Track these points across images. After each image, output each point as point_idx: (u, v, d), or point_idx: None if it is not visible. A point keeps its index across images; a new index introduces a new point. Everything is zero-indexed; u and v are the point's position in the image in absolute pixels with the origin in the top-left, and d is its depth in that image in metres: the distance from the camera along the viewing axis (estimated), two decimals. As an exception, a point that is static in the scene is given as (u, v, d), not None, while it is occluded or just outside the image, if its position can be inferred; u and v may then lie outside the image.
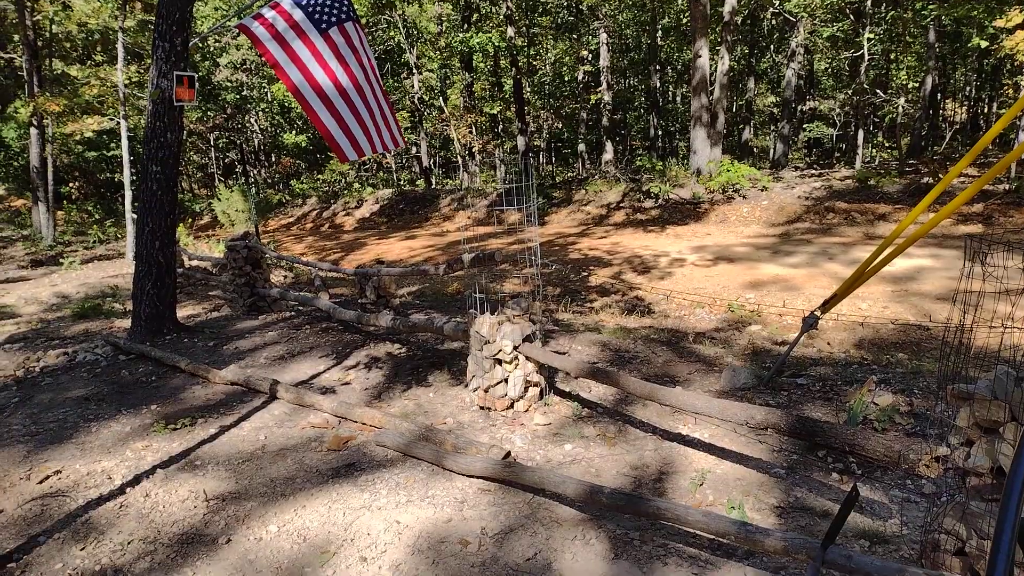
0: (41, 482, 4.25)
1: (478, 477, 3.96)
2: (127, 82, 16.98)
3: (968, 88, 32.91)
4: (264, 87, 33.85)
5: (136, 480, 4.22)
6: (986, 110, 32.54)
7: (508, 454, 4.19)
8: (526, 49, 30.42)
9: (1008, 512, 1.05)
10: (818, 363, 6.06)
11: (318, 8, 5.49)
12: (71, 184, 35.23)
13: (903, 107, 24.29)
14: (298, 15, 5.38)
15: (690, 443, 4.41)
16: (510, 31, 26.24)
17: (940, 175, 16.56)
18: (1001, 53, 16.19)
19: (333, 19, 5.55)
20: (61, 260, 15.25)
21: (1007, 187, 15.18)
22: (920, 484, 3.67)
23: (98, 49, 23.88)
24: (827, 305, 5.05)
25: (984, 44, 18.49)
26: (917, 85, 25.14)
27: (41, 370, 6.76)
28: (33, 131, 20.08)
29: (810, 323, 5.11)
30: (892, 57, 28.16)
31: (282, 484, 4.09)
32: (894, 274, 9.92)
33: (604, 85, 27.79)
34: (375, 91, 5.81)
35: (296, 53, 5.36)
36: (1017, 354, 2.74)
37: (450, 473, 4.08)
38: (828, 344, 7.00)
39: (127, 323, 8.40)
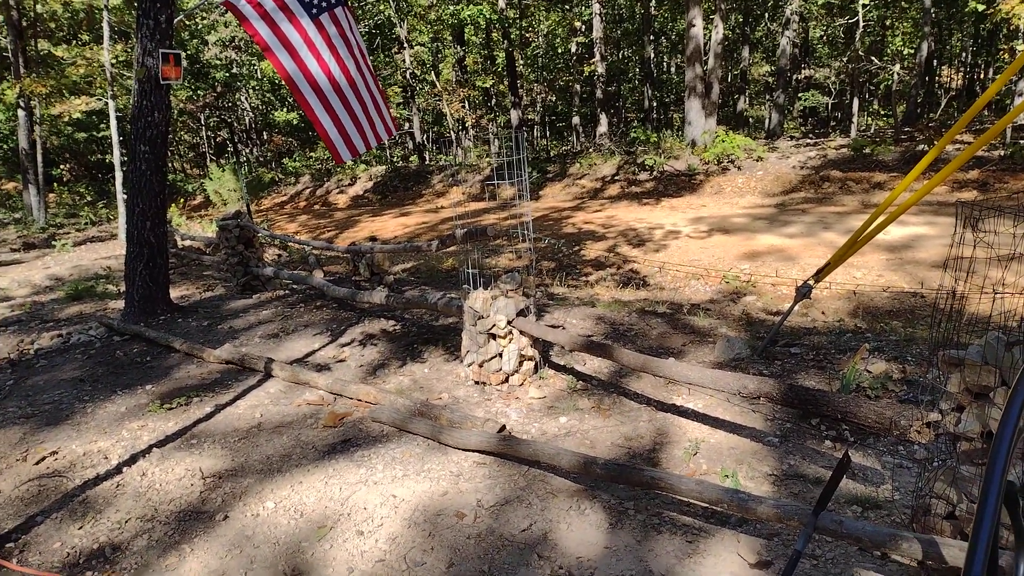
0: (38, 463, 4.26)
1: (474, 451, 3.97)
2: (114, 61, 16.76)
3: (964, 54, 32.66)
4: (254, 64, 33.45)
5: (132, 459, 4.23)
6: (982, 76, 32.31)
7: (503, 427, 4.21)
8: (518, 21, 30.07)
9: (994, 475, 1.05)
10: (812, 332, 6.07)
11: None
12: (62, 166, 34.96)
13: (899, 74, 24.14)
14: None
15: (684, 414, 4.43)
16: (501, 3, 25.92)
17: (935, 142, 16.50)
18: (997, 17, 16.05)
19: (323, 4, 5.45)
20: (53, 242, 15.16)
21: (1002, 153, 15.13)
22: (912, 450, 3.70)
23: (83, 28, 23.56)
24: (820, 274, 5.05)
25: (981, 8, 18.34)
26: (913, 51, 24.97)
27: (36, 352, 6.75)
28: (21, 113, 19.85)
29: (803, 293, 5.11)
30: (887, 23, 27.93)
31: (278, 461, 4.11)
32: (889, 242, 9.91)
33: (598, 57, 27.51)
34: (367, 81, 5.73)
35: (287, 37, 5.27)
36: (1009, 320, 2.74)
37: (446, 447, 4.10)
38: (822, 313, 7.01)
39: (121, 304, 8.38)
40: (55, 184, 30.89)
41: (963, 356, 2.63)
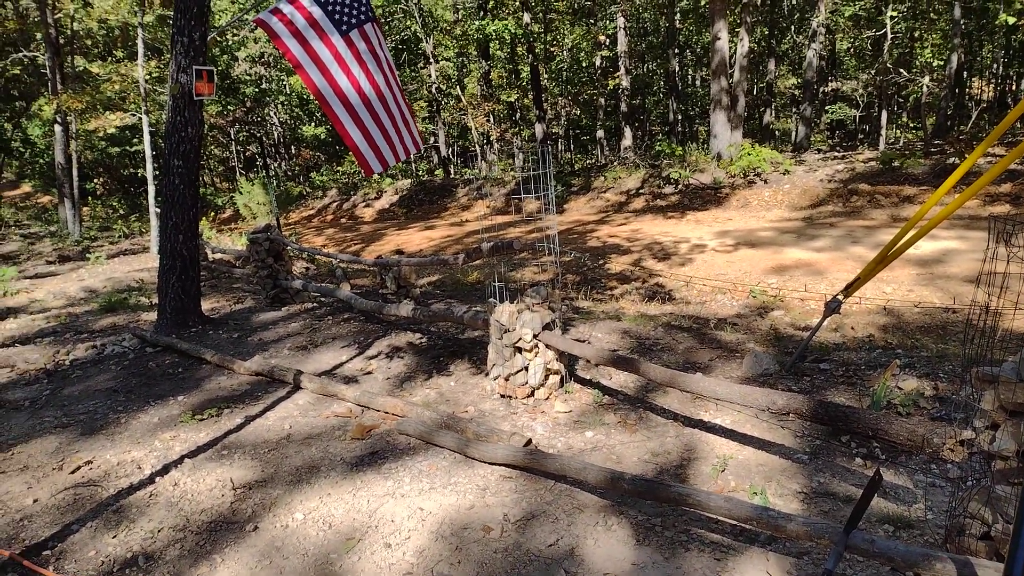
0: (73, 472, 4.35)
1: (500, 464, 3.99)
2: (147, 77, 17.15)
3: (995, 65, 32.20)
4: (282, 80, 34.02)
5: (165, 469, 4.30)
6: (1014, 88, 31.82)
7: (529, 441, 4.22)
8: (543, 35, 30.27)
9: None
10: (841, 348, 6.01)
11: (337, 7, 5.48)
12: (95, 180, 35.73)
13: (928, 86, 23.86)
14: (316, 12, 5.37)
15: (712, 429, 4.41)
16: (526, 17, 26.11)
17: (966, 155, 16.27)
18: (1029, 29, 15.81)
19: (353, 20, 5.53)
20: (87, 255, 15.49)
21: (1036, 166, 14.86)
22: (945, 468, 3.64)
23: (118, 45, 24.14)
24: (850, 289, 5.00)
25: (1012, 20, 18.07)
26: (942, 63, 24.66)
27: (71, 363, 6.90)
28: (57, 128, 20.37)
29: (833, 307, 5.06)
30: (916, 35, 27.63)
31: (307, 472, 4.15)
32: (920, 257, 9.78)
33: (622, 70, 27.57)
34: (395, 95, 5.80)
35: (317, 54, 5.36)
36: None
37: (472, 461, 4.12)
38: (852, 329, 6.93)
39: (153, 316, 8.54)
40: (89, 198, 31.61)
41: (998, 373, 2.60)
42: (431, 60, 29.14)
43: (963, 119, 27.96)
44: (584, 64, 35.20)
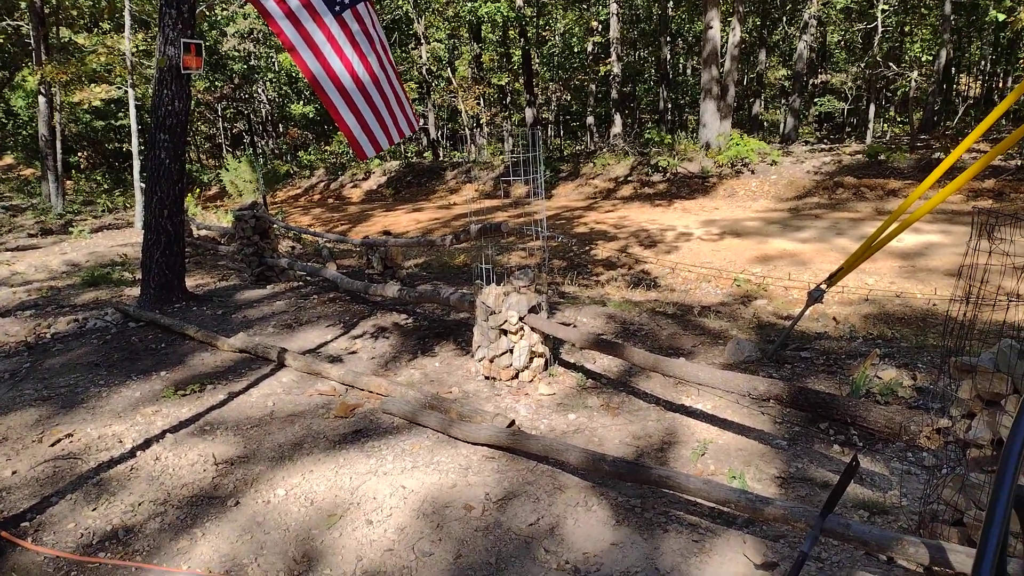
0: (53, 445, 4.32)
1: (483, 445, 4.01)
2: (134, 50, 16.88)
3: (984, 62, 32.36)
4: (271, 57, 33.62)
5: (146, 444, 4.29)
6: (1001, 85, 32.02)
7: (512, 423, 4.24)
8: (535, 19, 30.03)
9: (1004, 482, 1.06)
10: (823, 337, 6.07)
11: None
12: (80, 153, 35.24)
13: (916, 81, 23.98)
14: None
15: (693, 414, 4.45)
16: (519, 0, 25.91)
17: (952, 150, 16.40)
18: (1019, 26, 15.93)
19: (347, 0, 5.46)
20: (70, 229, 15.31)
21: (1019, 163, 15.02)
22: (920, 456, 3.70)
23: (105, 16, 23.73)
24: (833, 279, 5.05)
25: (1001, 17, 18.15)
26: (931, 58, 24.77)
27: (52, 336, 6.84)
28: (41, 100, 20.01)
29: (815, 297, 5.11)
30: (906, 29, 27.74)
31: (290, 449, 4.16)
32: (903, 250, 9.87)
33: (614, 57, 27.46)
34: (389, 77, 5.75)
35: (310, 35, 5.28)
36: (1022, 328, 2.75)
37: (455, 441, 4.13)
38: (834, 319, 7.00)
39: (136, 291, 8.47)
40: (73, 171, 31.16)
41: (975, 363, 2.64)
42: (422, 41, 28.91)
43: (950, 115, 28.15)
44: (576, 50, 35.03)
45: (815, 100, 31.81)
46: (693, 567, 2.90)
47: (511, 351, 5.04)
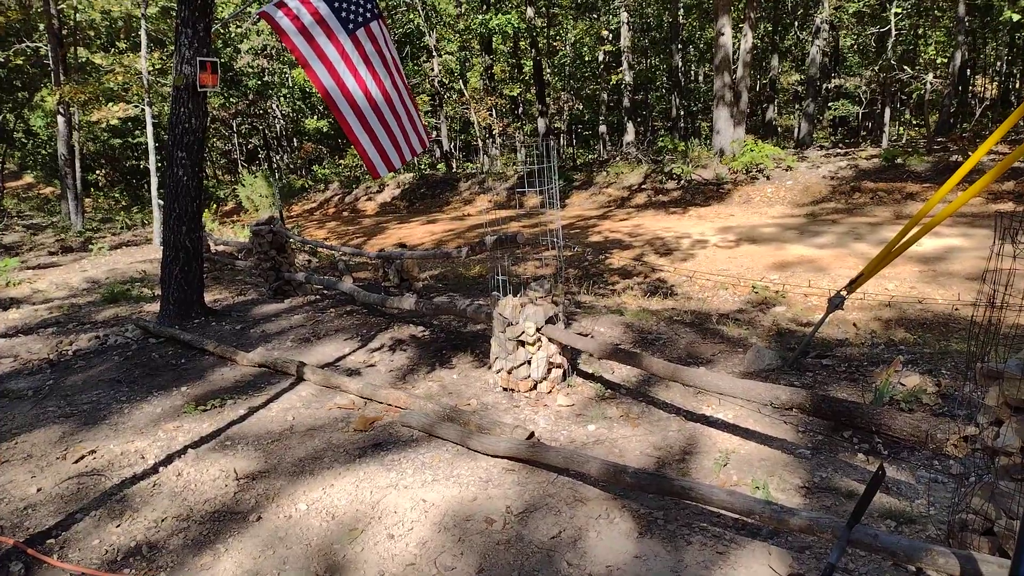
0: (77, 461, 4.36)
1: (502, 457, 4.00)
2: (150, 69, 17.13)
3: (999, 63, 32.12)
4: (285, 72, 33.96)
5: (168, 460, 4.32)
6: (1018, 85, 31.76)
7: (532, 434, 4.22)
8: (546, 30, 30.16)
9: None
10: (844, 344, 6.01)
11: (343, 4, 5.44)
12: (98, 171, 35.68)
13: (931, 83, 23.80)
14: (323, 9, 5.33)
15: (714, 424, 4.42)
16: (529, 12, 26.04)
17: (969, 152, 16.21)
18: (1034, 26, 15.77)
19: (360, 19, 5.50)
20: (90, 246, 15.50)
21: (1039, 164, 14.84)
22: (948, 464, 3.65)
23: (121, 36, 24.09)
24: (853, 285, 5.00)
25: (1016, 17, 18.01)
26: (946, 61, 24.57)
27: (74, 353, 6.91)
28: (60, 119, 20.32)
29: (836, 304, 5.07)
30: (920, 32, 27.57)
31: (310, 463, 4.16)
32: (923, 254, 9.77)
33: (625, 65, 27.52)
34: (402, 96, 5.78)
35: (323, 51, 5.32)
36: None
37: (474, 453, 4.13)
38: (854, 325, 6.93)
39: (156, 307, 8.54)
40: (91, 189, 31.56)
41: (1002, 369, 2.60)
42: (434, 54, 29.09)
43: (966, 117, 27.90)
44: (587, 59, 35.11)
45: (829, 104, 31.65)
46: (718, 579, 2.87)
47: (529, 362, 5.03)
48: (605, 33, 30.23)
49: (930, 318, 7.10)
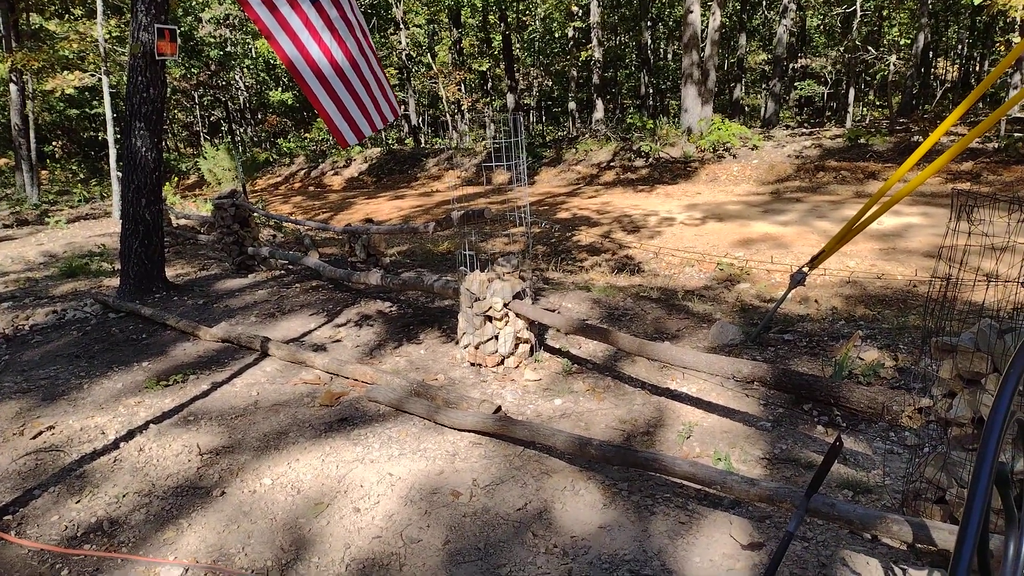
0: (35, 437, 4.27)
1: (469, 431, 4.01)
2: (107, 37, 16.59)
3: (960, 46, 32.66)
4: (248, 43, 33.16)
5: (129, 435, 4.25)
6: (978, 68, 32.36)
7: (499, 408, 4.24)
8: (515, 4, 29.86)
9: (985, 459, 1.08)
10: (805, 319, 6.12)
11: None
12: (54, 143, 34.66)
13: (895, 65, 24.13)
14: None
15: (678, 397, 4.48)
16: (499, -15, 25.73)
17: (930, 133, 16.53)
18: (994, 9, 16.05)
19: None
20: (47, 219, 15.07)
21: (995, 145, 15.19)
22: (903, 436, 3.75)
23: (76, 2, 23.27)
24: (815, 261, 5.09)
25: (977, 1, 18.30)
26: (909, 42, 24.95)
27: (31, 328, 6.74)
28: (12, 88, 19.63)
29: (797, 280, 5.15)
30: (884, 14, 27.89)
31: (275, 438, 4.13)
32: (882, 231, 9.96)
33: (595, 42, 27.39)
34: (370, 63, 5.67)
35: (287, 20, 5.19)
36: (1001, 308, 2.78)
37: (441, 427, 4.13)
38: (816, 301, 7.05)
39: (116, 282, 8.36)
40: (47, 161, 30.64)
41: (956, 343, 2.68)
42: (401, 26, 28.64)
43: (928, 98, 28.39)
44: (557, 35, 34.89)
45: (795, 84, 31.94)
46: (680, 548, 2.92)
47: (496, 337, 5.03)
48: (575, 9, 30.01)
49: (889, 294, 7.26)
